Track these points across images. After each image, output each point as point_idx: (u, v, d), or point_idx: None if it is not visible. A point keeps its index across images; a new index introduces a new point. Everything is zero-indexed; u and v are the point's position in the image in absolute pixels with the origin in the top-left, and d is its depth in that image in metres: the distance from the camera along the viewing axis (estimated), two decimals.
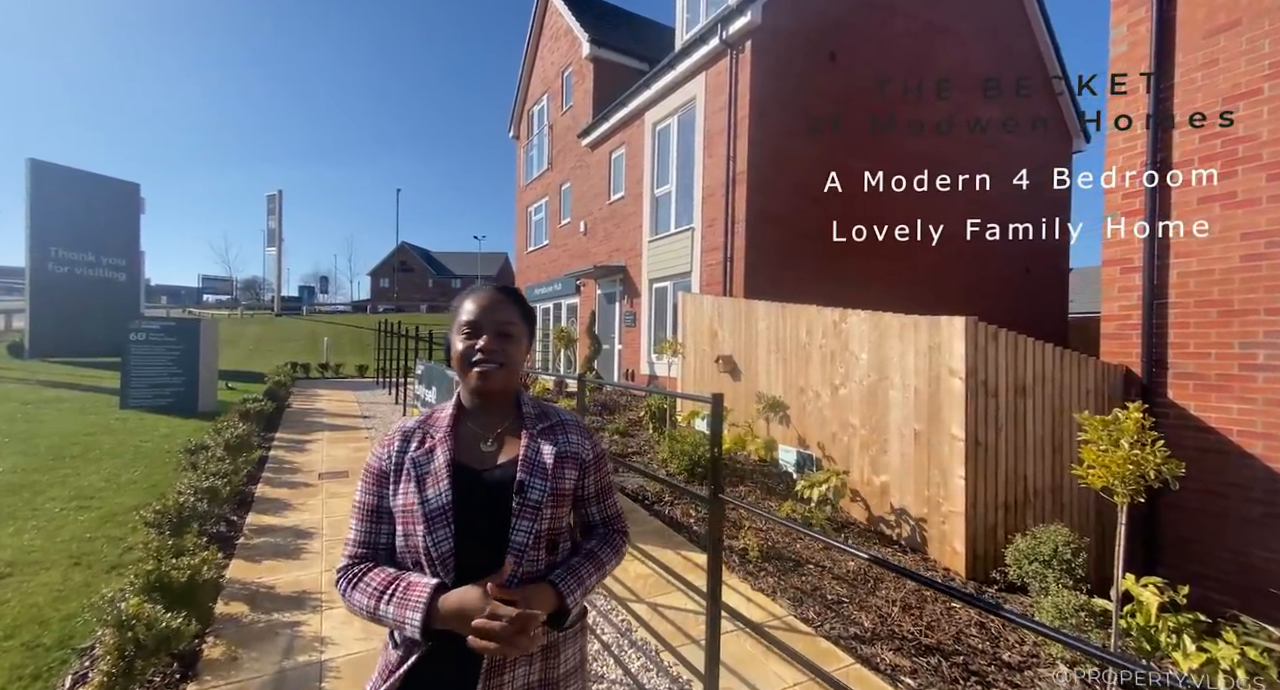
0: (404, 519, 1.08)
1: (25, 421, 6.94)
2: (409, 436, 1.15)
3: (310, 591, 3.34)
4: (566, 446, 1.17)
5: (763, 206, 8.20)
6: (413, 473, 1.09)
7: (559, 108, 15.15)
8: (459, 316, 1.16)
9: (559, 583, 1.08)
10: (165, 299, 46.00)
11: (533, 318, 1.22)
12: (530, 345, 1.22)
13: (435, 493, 1.06)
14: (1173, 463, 2.42)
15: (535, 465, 1.12)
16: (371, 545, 1.12)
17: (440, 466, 1.09)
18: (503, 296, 1.17)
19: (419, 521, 1.05)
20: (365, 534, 1.12)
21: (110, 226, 14.40)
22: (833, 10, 8.79)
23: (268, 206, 32.49)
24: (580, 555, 1.18)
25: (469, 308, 1.15)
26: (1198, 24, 4.44)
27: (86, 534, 3.88)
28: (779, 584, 3.64)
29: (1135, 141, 4.73)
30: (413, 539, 1.06)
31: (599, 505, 1.25)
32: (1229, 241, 4.22)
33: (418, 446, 1.13)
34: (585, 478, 1.21)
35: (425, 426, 1.16)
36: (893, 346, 4.64)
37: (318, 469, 5.94)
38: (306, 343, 22.00)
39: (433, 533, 1.04)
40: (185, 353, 8.49)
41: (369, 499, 1.13)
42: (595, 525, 1.26)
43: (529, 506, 1.08)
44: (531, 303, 17.72)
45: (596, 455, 1.23)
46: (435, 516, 1.05)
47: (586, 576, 1.14)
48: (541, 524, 1.09)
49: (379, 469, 1.13)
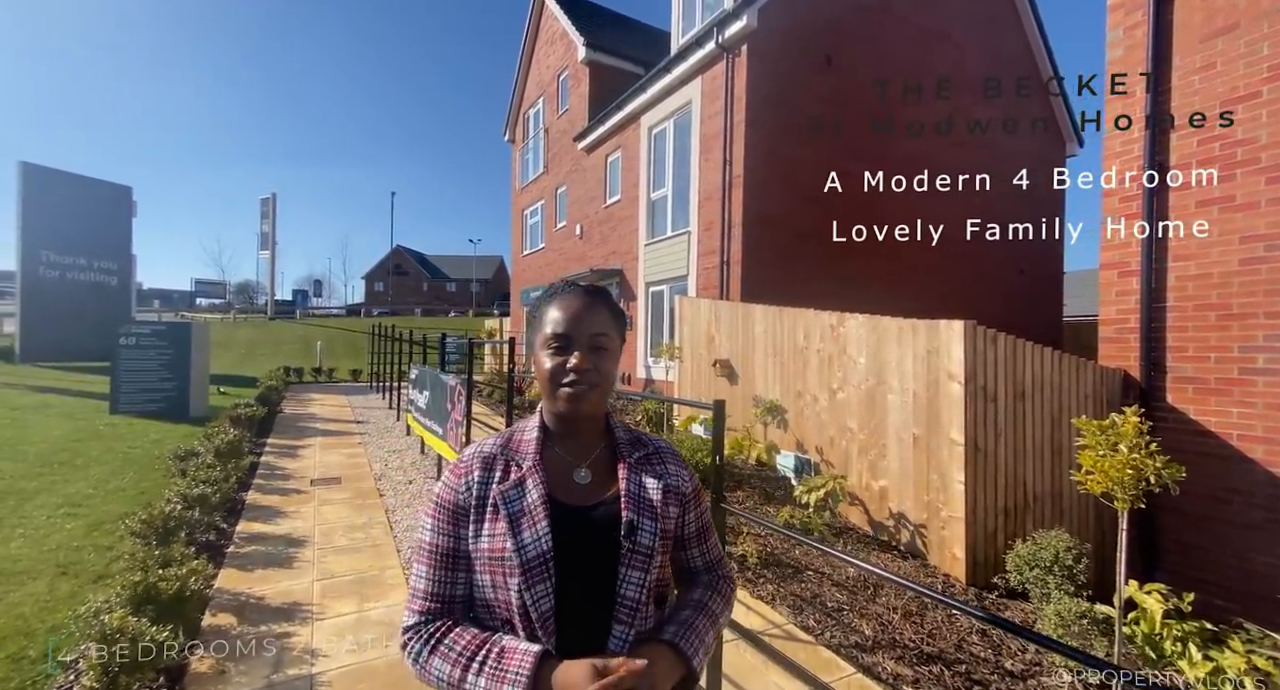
0: (491, 567, 0.91)
1: (13, 427, 6.84)
2: (490, 463, 0.97)
3: (301, 602, 3.27)
4: (669, 479, 1.02)
5: (759, 210, 8.18)
6: (503, 510, 0.92)
7: (555, 111, 15.12)
8: (544, 327, 0.97)
9: (680, 642, 0.91)
10: (157, 302, 45.67)
11: (624, 320, 1.05)
12: (621, 353, 1.05)
13: (533, 536, 0.89)
14: (1174, 467, 2.39)
15: (642, 503, 0.96)
16: (447, 598, 0.93)
17: (535, 504, 0.92)
18: (595, 301, 0.98)
19: (514, 572, 0.88)
20: (440, 584, 0.93)
21: (102, 230, 14.26)
22: (828, 14, 8.80)
23: (261, 210, 32.38)
24: (691, 607, 1.00)
25: (556, 316, 0.96)
26: (1195, 27, 4.45)
27: (74, 542, 3.80)
28: (778, 591, 3.60)
29: (1133, 144, 4.72)
30: (503, 592, 0.90)
31: (700, 546, 1.08)
32: (1228, 244, 4.21)
33: (503, 477, 0.95)
34: (686, 514, 1.05)
35: (508, 452, 0.99)
36: (891, 350, 4.61)
37: (310, 475, 5.86)
38: (300, 347, 21.86)
39: (532, 587, 0.87)
40: (176, 357, 8.40)
41: (443, 541, 0.94)
42: (697, 571, 1.08)
43: (640, 553, 0.92)
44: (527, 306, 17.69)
45: (695, 488, 1.07)
46: (534, 566, 0.88)
47: (706, 634, 0.96)
48: (652, 573, 0.93)
49: (454, 504, 0.95)
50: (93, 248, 14.04)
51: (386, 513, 4.84)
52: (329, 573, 3.66)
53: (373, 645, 2.84)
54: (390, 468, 6.27)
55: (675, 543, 1.05)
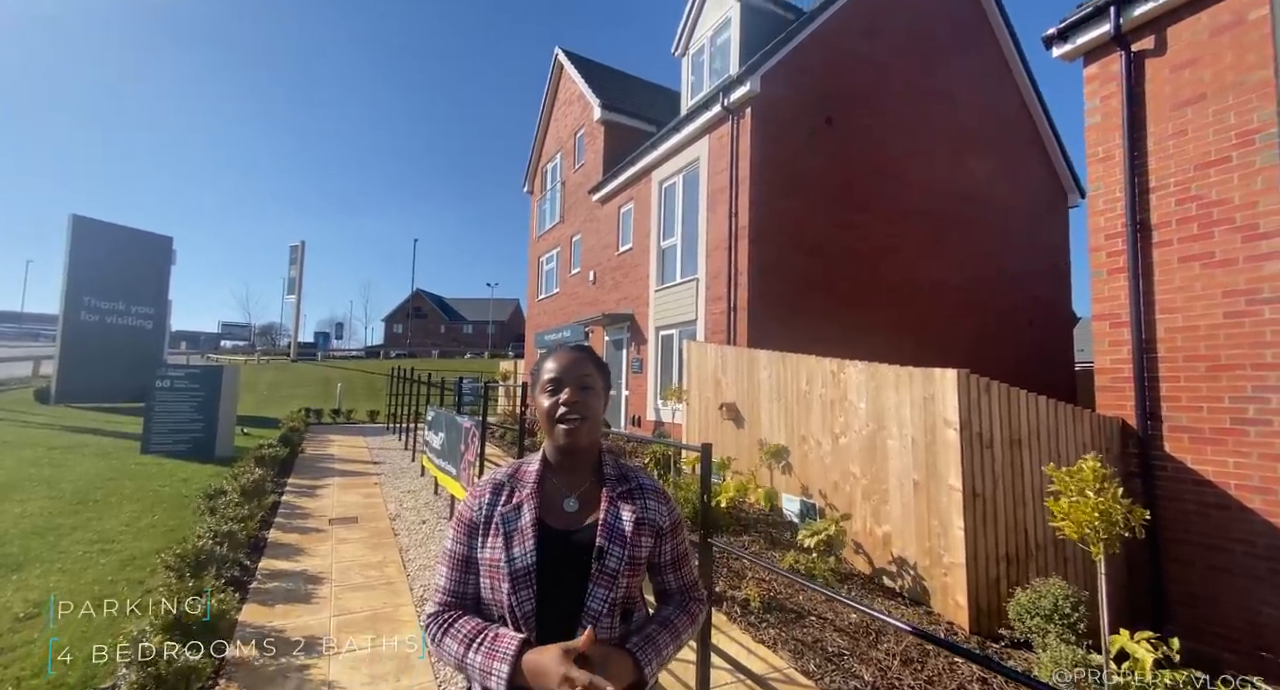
0: (490, 573, 1.12)
1: (50, 466, 7.17)
2: (499, 489, 1.19)
3: (319, 636, 3.42)
4: (645, 513, 1.19)
5: (764, 260, 8.52)
6: (501, 528, 1.13)
7: (572, 165, 15.92)
8: (542, 377, 1.20)
9: (637, 652, 1.08)
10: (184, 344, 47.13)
11: (607, 371, 1.28)
12: (608, 398, 1.27)
13: (521, 552, 1.10)
14: (1138, 510, 2.51)
15: (614, 531, 1.14)
16: (460, 594, 1.16)
17: (527, 525, 1.12)
18: (581, 354, 1.23)
19: (504, 579, 1.09)
20: (455, 583, 1.16)
21: (142, 277, 15.05)
22: (828, 78, 9.37)
23: (290, 256, 33.69)
24: (656, 623, 1.18)
25: (550, 368, 1.20)
26: (1165, 97, 4.77)
27: (108, 576, 4.01)
28: (780, 636, 3.66)
29: (1115, 203, 4.98)
30: (497, 594, 1.10)
31: (675, 573, 1.25)
32: (1211, 299, 4.38)
33: (506, 502, 1.16)
34: (662, 544, 1.22)
35: (514, 480, 1.20)
36: (889, 397, 4.77)
37: (328, 514, 6.06)
38: (320, 388, 22.36)
39: (517, 592, 1.08)
40: (207, 399, 8.77)
41: (459, 549, 1.17)
42: (672, 593, 1.27)
43: (606, 574, 1.11)
44: (541, 348, 17.99)
45: (674, 522, 1.24)
46: (520, 576, 1.09)
47: (664, 646, 1.13)
48: (617, 592, 1.11)
49: (470, 519, 1.17)
50: (132, 294, 14.79)
51: (400, 552, 4.99)
52: (345, 609, 3.81)
53: (386, 678, 2.97)
54: (405, 508, 6.44)
55: (652, 568, 1.24)
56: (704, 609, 1.30)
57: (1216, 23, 4.48)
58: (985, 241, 11.14)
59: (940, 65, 10.79)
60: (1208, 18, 4.52)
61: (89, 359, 13.75)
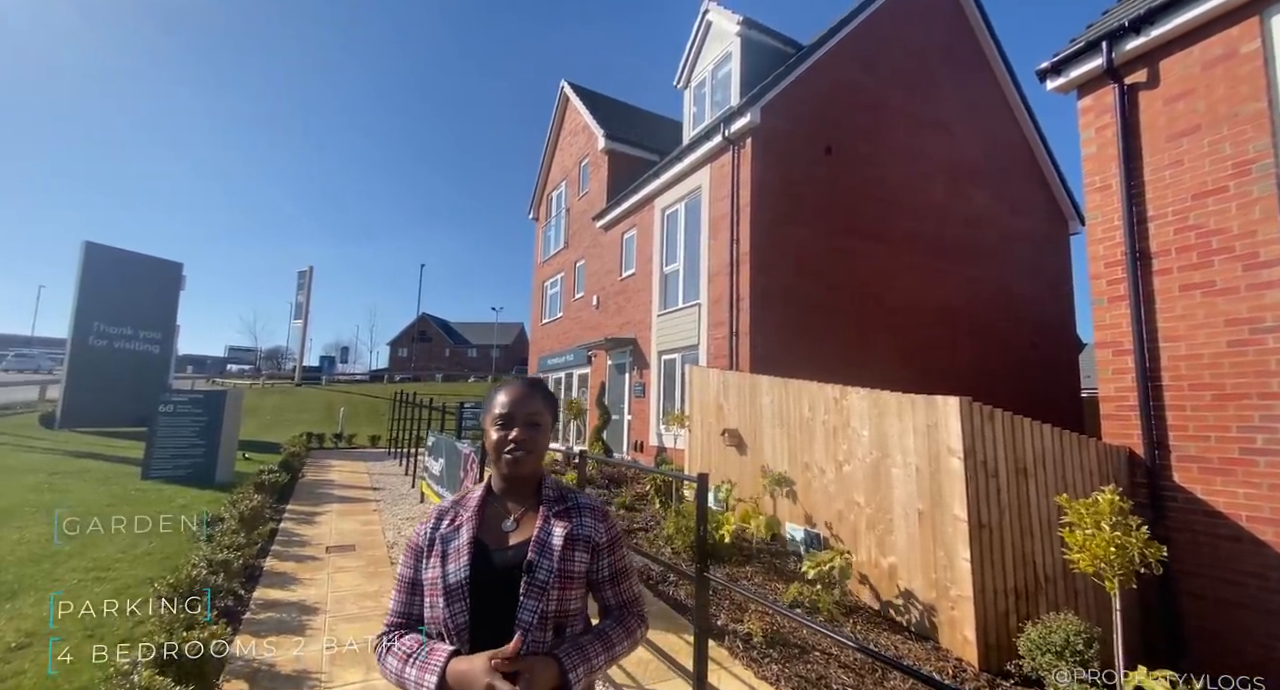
0: (430, 592, 1.19)
1: (51, 492, 7.14)
2: (443, 514, 1.27)
3: (310, 670, 3.35)
4: (580, 530, 1.24)
5: (765, 286, 8.56)
6: (440, 548, 1.21)
7: (576, 193, 16.18)
8: (493, 409, 1.27)
9: (563, 657, 1.12)
10: (190, 368, 47.34)
11: (556, 406, 1.36)
12: (554, 428, 1.36)
13: (455, 568, 1.17)
14: (1155, 546, 2.45)
15: (545, 546, 1.20)
16: (407, 615, 1.23)
17: (464, 544, 1.20)
18: (530, 390, 1.30)
19: (440, 594, 1.16)
20: (403, 604, 1.24)
21: (152, 302, 15.21)
22: (827, 109, 9.56)
23: (298, 282, 34.09)
24: (592, 633, 1.22)
25: (502, 401, 1.26)
26: (1160, 128, 4.83)
27: (101, 605, 3.96)
28: (783, 671, 3.56)
29: (1114, 231, 5.00)
30: (435, 610, 1.16)
31: (614, 589, 1.29)
32: (1214, 327, 4.36)
33: (449, 524, 1.24)
34: (598, 560, 1.26)
35: (457, 507, 1.29)
36: (892, 424, 4.73)
37: (326, 542, 5.99)
38: (323, 412, 22.34)
39: (450, 605, 1.14)
40: (209, 424, 8.78)
41: (407, 572, 1.24)
42: (611, 609, 1.30)
43: (535, 586, 1.16)
44: (544, 372, 17.99)
45: (611, 538, 1.29)
46: (453, 591, 1.15)
47: (593, 656, 1.17)
48: (548, 605, 1.15)
49: (416, 545, 1.25)
50: (141, 319, 14.93)
51: None
52: (339, 641, 3.73)
53: None
54: (403, 536, 6.36)
55: (593, 585, 1.28)
56: (643, 626, 1.32)
57: (1208, 56, 4.56)
58: (987, 268, 11.18)
59: (937, 96, 11.00)
60: (1200, 51, 4.61)
61: (95, 383, 13.80)
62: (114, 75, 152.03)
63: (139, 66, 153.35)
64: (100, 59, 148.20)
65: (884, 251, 9.84)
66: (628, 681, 3.36)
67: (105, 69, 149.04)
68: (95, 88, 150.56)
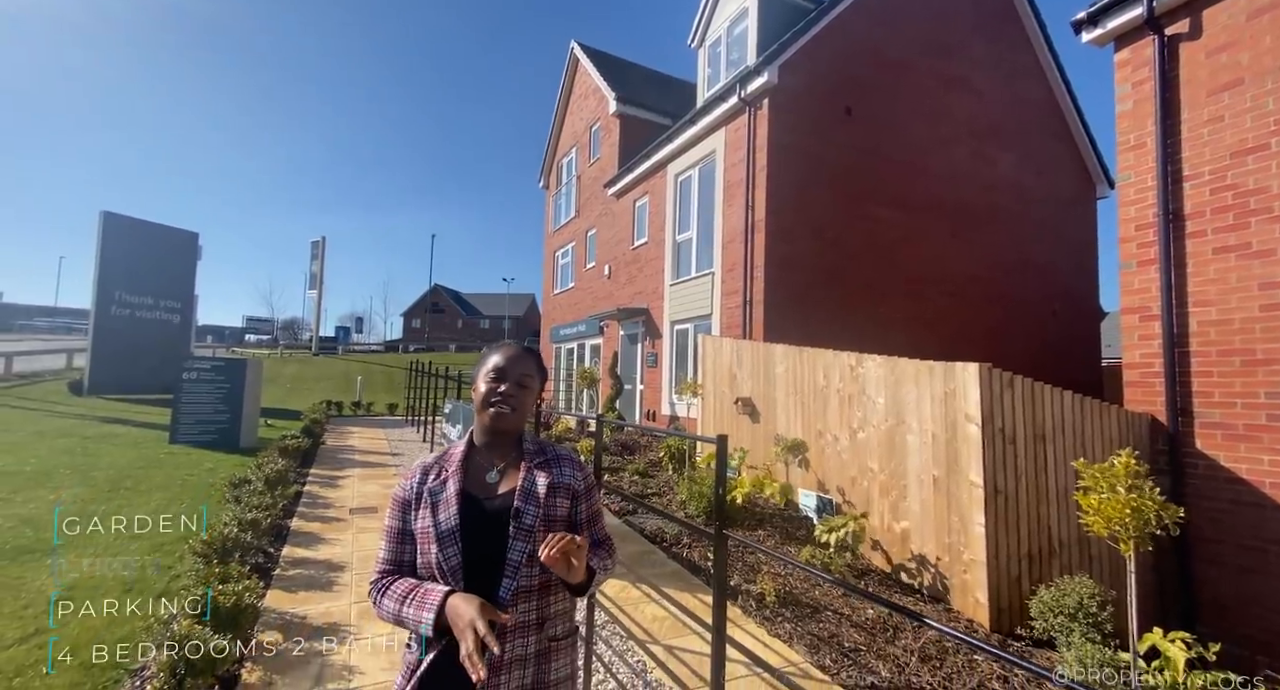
0: (422, 539, 1.28)
1: (84, 455, 7.39)
2: (428, 470, 1.37)
3: (340, 623, 3.49)
4: (560, 478, 1.36)
5: (781, 253, 8.43)
6: (428, 501, 1.30)
7: (587, 160, 15.91)
8: (487, 364, 1.37)
9: (593, 561, 1.31)
10: (210, 338, 48.16)
11: (545, 373, 1.46)
12: (539, 396, 1.46)
13: (446, 517, 1.27)
14: (1171, 508, 2.43)
15: (530, 495, 1.31)
16: (397, 562, 1.32)
17: (451, 495, 1.30)
18: (525, 353, 1.41)
19: (433, 541, 1.26)
20: (392, 552, 1.33)
21: (170, 272, 15.41)
22: (847, 68, 9.21)
23: (311, 251, 34.22)
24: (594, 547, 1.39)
25: (496, 359, 1.37)
26: (1201, 82, 4.60)
27: (138, 561, 4.13)
28: (796, 630, 3.64)
29: (1146, 192, 4.82)
30: (428, 556, 1.26)
31: (591, 529, 1.43)
32: (1247, 291, 4.23)
33: (434, 478, 1.34)
34: (578, 505, 1.39)
35: (441, 461, 1.38)
36: (909, 391, 4.70)
37: (349, 504, 6.16)
38: (340, 381, 22.72)
39: (444, 550, 1.24)
40: (232, 391, 8.97)
41: (395, 523, 1.34)
42: (591, 545, 1.44)
43: (523, 530, 1.27)
44: (557, 343, 18.05)
45: (587, 486, 1.42)
46: (445, 537, 1.25)
47: (605, 557, 1.39)
48: (535, 545, 1.25)
49: (403, 498, 1.35)
50: (160, 288, 15.16)
51: None
52: (366, 597, 3.87)
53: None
54: None
55: (572, 526, 1.38)
56: (614, 554, 1.47)
57: (1255, 4, 4.30)
58: (1009, 233, 10.90)
59: (963, 53, 10.54)
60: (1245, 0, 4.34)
61: (119, 352, 14.13)
62: (120, 46, 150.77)
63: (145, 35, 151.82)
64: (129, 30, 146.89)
65: (904, 217, 9.61)
66: (645, 637, 3.46)
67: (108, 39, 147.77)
68: (100, 59, 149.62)
